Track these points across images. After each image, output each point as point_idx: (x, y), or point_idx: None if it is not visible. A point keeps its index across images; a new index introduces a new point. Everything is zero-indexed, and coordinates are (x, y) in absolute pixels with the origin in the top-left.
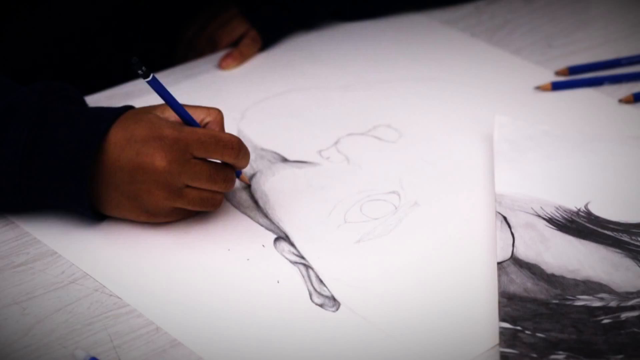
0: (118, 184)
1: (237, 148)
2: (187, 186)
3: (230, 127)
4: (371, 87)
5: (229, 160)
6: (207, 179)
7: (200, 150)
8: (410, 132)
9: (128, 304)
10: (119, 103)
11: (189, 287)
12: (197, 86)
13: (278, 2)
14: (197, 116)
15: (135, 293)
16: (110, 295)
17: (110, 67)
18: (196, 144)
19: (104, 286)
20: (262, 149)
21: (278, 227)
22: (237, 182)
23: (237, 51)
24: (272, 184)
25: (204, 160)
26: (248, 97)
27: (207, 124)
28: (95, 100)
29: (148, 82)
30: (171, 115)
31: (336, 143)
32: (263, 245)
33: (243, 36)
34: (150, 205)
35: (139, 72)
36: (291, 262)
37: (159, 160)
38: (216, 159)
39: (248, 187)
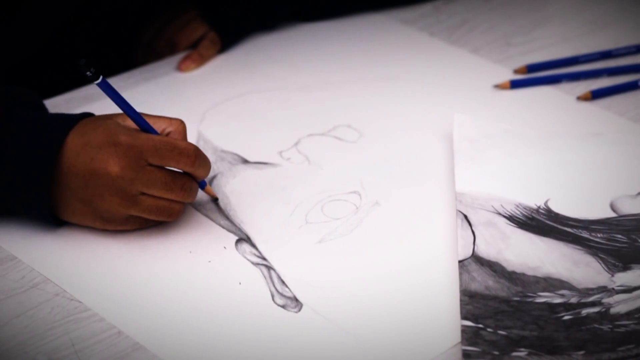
0: (74, 190)
1: (194, 156)
2: (143, 194)
3: (190, 130)
4: (331, 87)
5: (185, 168)
6: (162, 186)
7: (155, 157)
8: (370, 131)
9: (89, 308)
10: (78, 106)
11: (150, 290)
12: (157, 89)
13: (237, 3)
14: (159, 126)
15: (97, 297)
16: (71, 299)
17: (69, 70)
18: (151, 151)
19: (65, 290)
20: (223, 151)
21: (239, 229)
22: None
23: (196, 53)
24: (233, 186)
25: (161, 168)
26: (208, 99)
27: (168, 134)
28: (54, 103)
29: (98, 84)
30: (132, 123)
31: (297, 144)
32: (224, 247)
33: (202, 38)
34: (105, 212)
35: (87, 73)
36: (253, 263)
37: (112, 165)
38: (172, 166)
39: (215, 200)
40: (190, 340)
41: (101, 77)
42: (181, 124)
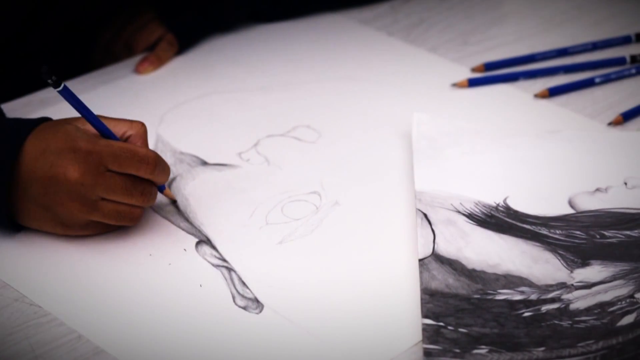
0: (33, 196)
1: (153, 163)
2: (103, 199)
3: (148, 132)
4: (290, 88)
5: (145, 175)
6: (122, 192)
7: (115, 164)
8: (329, 132)
9: (49, 313)
10: (35, 110)
11: (110, 293)
12: (114, 92)
13: (194, 5)
14: (119, 129)
15: (56, 301)
16: (31, 304)
17: (26, 74)
18: (110, 157)
19: (24, 295)
20: (182, 153)
21: (199, 231)
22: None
23: (154, 55)
24: (193, 188)
25: (119, 173)
26: (166, 101)
27: (129, 137)
28: (11, 107)
29: (59, 91)
30: (91, 127)
31: (256, 145)
32: (185, 250)
33: (160, 40)
34: (65, 218)
35: (49, 81)
36: (213, 265)
37: (71, 171)
38: (131, 172)
39: (174, 202)
40: (151, 343)
41: (63, 85)
42: (142, 127)
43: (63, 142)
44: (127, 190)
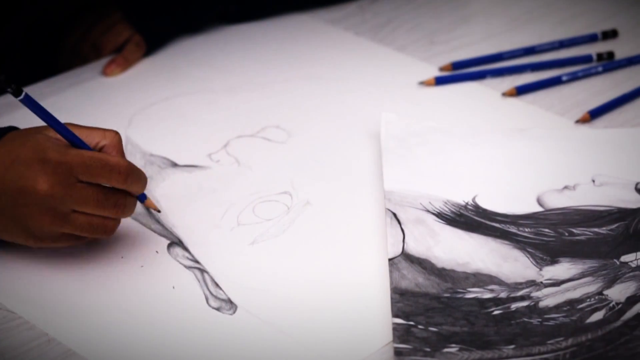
0: (3, 208)
1: (125, 172)
2: (75, 211)
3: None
4: (258, 88)
5: (117, 185)
6: (94, 204)
7: (86, 174)
8: (299, 132)
9: (19, 317)
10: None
11: (82, 296)
12: (82, 94)
13: (162, 6)
14: (92, 139)
15: (26, 305)
16: (0, 308)
17: None
18: (81, 167)
19: None
20: (152, 155)
21: (171, 233)
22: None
23: (121, 57)
24: (163, 190)
25: (91, 184)
26: (134, 103)
27: (103, 147)
28: None
29: (20, 100)
30: (61, 137)
31: (226, 146)
32: (157, 252)
33: (127, 41)
34: (36, 230)
35: (8, 90)
36: (186, 267)
37: (41, 183)
38: (103, 183)
39: (158, 212)
40: (124, 345)
41: (24, 93)
42: (116, 136)
43: (32, 153)
44: (99, 202)
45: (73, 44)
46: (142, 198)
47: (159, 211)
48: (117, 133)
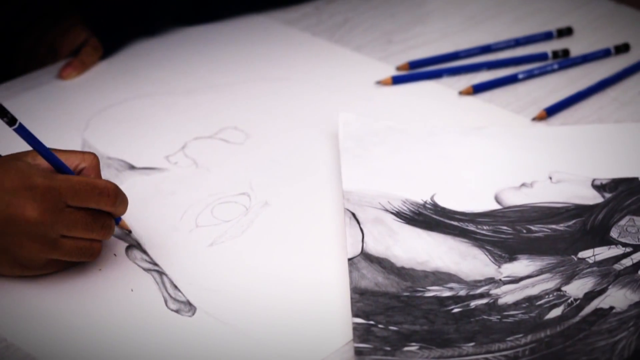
0: None
1: (114, 195)
2: (63, 236)
3: (74, 137)
4: (216, 90)
5: (106, 208)
6: (83, 227)
7: (75, 199)
8: (257, 133)
9: None
10: None
11: (41, 300)
12: (38, 98)
13: (119, 8)
14: (71, 162)
15: None
16: None
17: None
18: (70, 193)
19: None
20: (109, 158)
21: (129, 235)
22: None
23: (78, 60)
24: None
25: (79, 208)
26: (91, 106)
27: (82, 170)
28: None
29: (15, 129)
30: (43, 161)
31: (183, 147)
32: (115, 255)
33: (84, 44)
34: (24, 259)
35: (4, 120)
36: (144, 269)
37: (30, 211)
38: (92, 206)
39: (129, 233)
40: (83, 349)
41: (18, 122)
42: (94, 159)
43: (18, 180)
44: (88, 225)
45: (29, 47)
46: (117, 219)
47: (129, 232)
48: (95, 155)
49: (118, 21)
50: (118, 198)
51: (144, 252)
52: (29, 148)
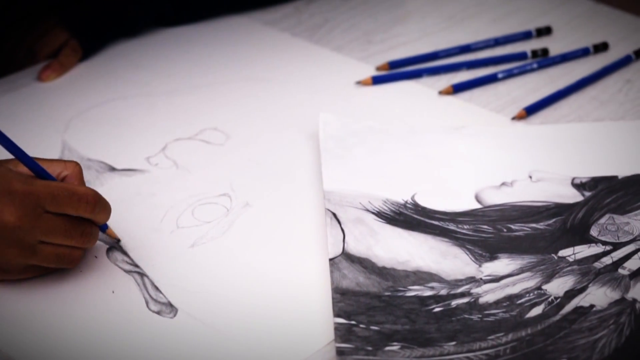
0: None
1: (93, 202)
2: (42, 242)
3: (54, 140)
4: (196, 91)
5: (85, 214)
6: (62, 234)
7: (53, 205)
8: (237, 134)
9: None
10: None
11: (21, 303)
12: (18, 100)
13: (98, 10)
14: (54, 170)
15: None
16: None
17: None
18: (49, 198)
19: None
20: (89, 160)
21: (110, 237)
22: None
23: (57, 62)
24: (101, 194)
25: (58, 214)
26: (71, 108)
27: (64, 177)
28: None
29: None
30: (25, 168)
31: (164, 149)
32: (95, 257)
33: (63, 46)
34: (3, 263)
35: None
36: (125, 271)
37: (8, 215)
38: (71, 213)
39: (118, 242)
40: (65, 351)
41: None
42: (77, 167)
43: None
44: (66, 232)
45: (8, 50)
46: (104, 228)
47: (119, 240)
48: (77, 164)
49: (97, 23)
50: (97, 205)
51: (125, 253)
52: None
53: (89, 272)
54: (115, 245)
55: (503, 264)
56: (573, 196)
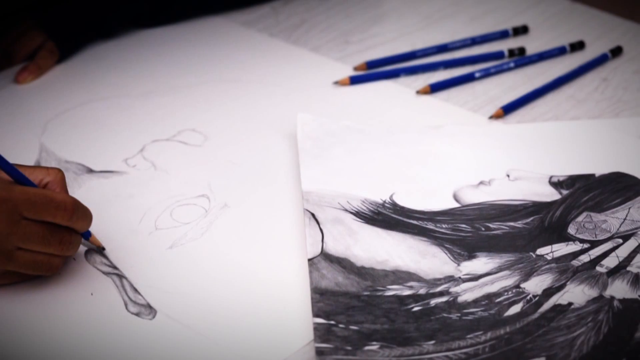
0: None
1: (71, 209)
2: (19, 248)
3: (31, 142)
4: (174, 92)
5: (62, 222)
6: (39, 241)
7: (31, 211)
8: (215, 134)
9: None
10: None
11: None
12: None
13: (75, 12)
14: (36, 177)
15: None
16: None
17: None
18: (26, 204)
19: None
20: (67, 162)
21: (102, 252)
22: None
23: (34, 64)
24: (79, 196)
25: (36, 221)
26: (48, 110)
27: (46, 184)
28: None
29: None
30: (5, 175)
31: (142, 150)
32: (74, 259)
33: (40, 48)
34: None
35: None
36: (104, 273)
37: None
38: (48, 220)
39: (102, 250)
40: (44, 354)
41: None
42: (59, 173)
43: None
44: (44, 239)
45: None
46: (87, 235)
47: (103, 249)
48: (60, 170)
49: (74, 25)
50: (76, 213)
51: (104, 255)
52: None
53: (67, 274)
54: (99, 252)
55: (481, 263)
56: (550, 194)
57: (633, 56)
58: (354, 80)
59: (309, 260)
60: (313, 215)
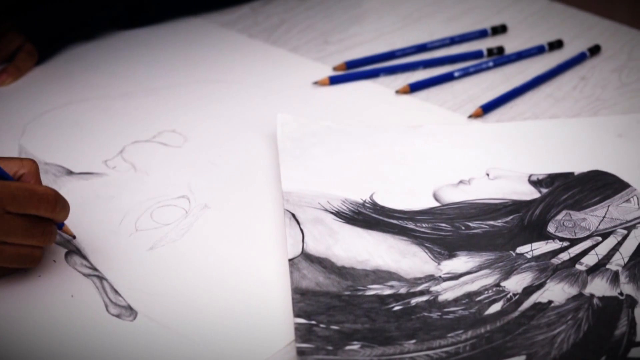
0: None
1: (53, 201)
2: (3, 243)
3: (10, 144)
4: (153, 93)
5: (45, 214)
6: (23, 233)
7: (14, 205)
8: (195, 136)
9: None
10: None
11: None
12: None
13: (53, 13)
14: (10, 168)
15: None
16: None
17: None
18: (8, 199)
19: None
20: (46, 163)
21: (68, 241)
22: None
23: (13, 66)
24: None
25: (18, 214)
26: (28, 112)
27: (21, 176)
28: None
29: None
30: None
31: (121, 152)
32: (54, 261)
33: (19, 50)
34: None
35: None
36: (84, 275)
37: None
38: (32, 213)
39: (73, 238)
40: (24, 356)
41: None
42: (33, 165)
43: None
44: (27, 232)
45: None
46: (60, 225)
47: (74, 237)
48: (34, 162)
49: (53, 26)
50: (58, 204)
51: (84, 257)
52: None
53: (47, 276)
54: (70, 241)
55: (462, 262)
56: (530, 193)
57: (611, 55)
58: (334, 81)
59: (290, 260)
60: (293, 215)
